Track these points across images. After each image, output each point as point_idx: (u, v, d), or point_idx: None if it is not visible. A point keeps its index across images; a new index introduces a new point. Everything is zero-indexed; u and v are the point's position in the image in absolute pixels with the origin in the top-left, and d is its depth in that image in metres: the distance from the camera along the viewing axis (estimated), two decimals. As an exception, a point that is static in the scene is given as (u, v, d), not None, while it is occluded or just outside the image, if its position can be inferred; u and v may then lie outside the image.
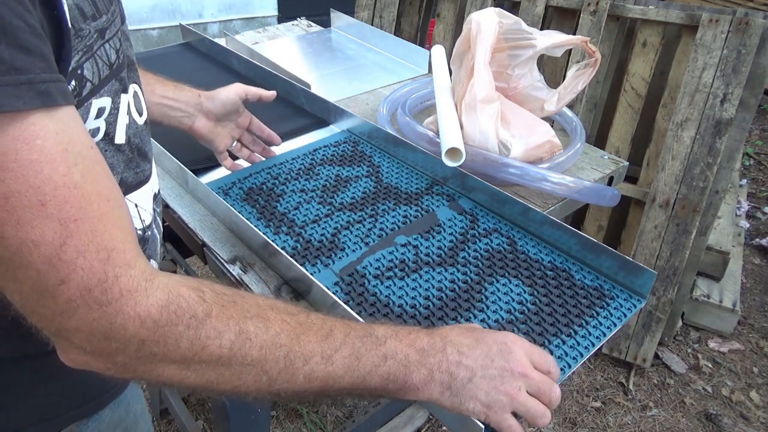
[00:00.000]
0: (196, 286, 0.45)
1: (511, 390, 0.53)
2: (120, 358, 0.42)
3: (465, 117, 0.94)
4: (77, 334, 0.40)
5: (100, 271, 0.39)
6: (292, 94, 1.21)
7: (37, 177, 0.36)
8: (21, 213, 0.36)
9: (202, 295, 0.45)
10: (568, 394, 1.79)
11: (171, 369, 0.44)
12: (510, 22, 0.97)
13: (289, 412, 1.67)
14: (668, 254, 1.67)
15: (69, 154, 0.38)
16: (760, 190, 2.90)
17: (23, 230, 0.36)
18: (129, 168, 0.55)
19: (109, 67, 0.48)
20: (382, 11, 2.08)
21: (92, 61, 0.45)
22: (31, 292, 0.38)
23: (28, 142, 0.36)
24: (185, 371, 0.44)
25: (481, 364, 0.54)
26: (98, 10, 0.46)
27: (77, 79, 0.44)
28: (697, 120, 1.56)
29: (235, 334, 0.45)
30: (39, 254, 0.37)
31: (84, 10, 0.45)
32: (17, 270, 0.37)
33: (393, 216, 0.88)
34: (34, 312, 0.40)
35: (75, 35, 0.43)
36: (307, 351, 0.48)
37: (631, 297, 0.74)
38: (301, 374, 0.48)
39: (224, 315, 0.45)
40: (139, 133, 0.57)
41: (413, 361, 0.52)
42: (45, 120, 0.36)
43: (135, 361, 0.42)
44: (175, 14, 3.25)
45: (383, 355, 0.51)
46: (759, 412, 1.74)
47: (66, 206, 0.37)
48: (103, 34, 0.47)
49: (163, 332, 0.42)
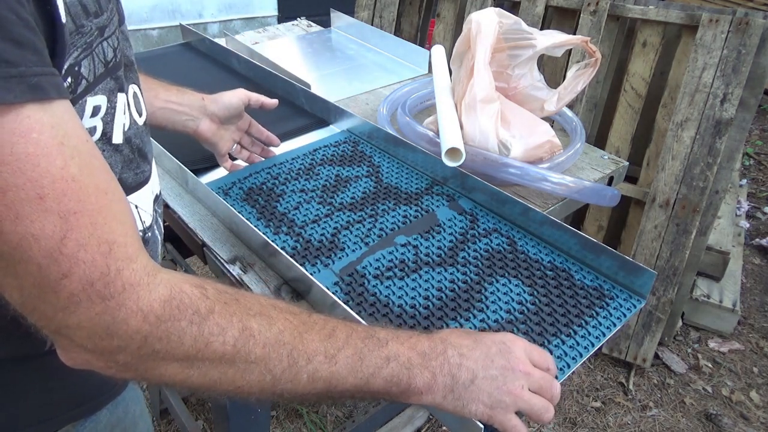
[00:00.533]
0: (198, 283, 0.45)
1: (514, 389, 0.53)
2: (122, 356, 0.41)
3: (465, 117, 0.94)
4: (79, 330, 0.40)
5: (102, 264, 0.38)
6: (292, 94, 1.21)
7: (34, 170, 0.36)
8: (19, 207, 0.35)
9: (204, 292, 0.44)
10: (568, 394, 1.79)
11: (173, 367, 0.43)
12: (510, 22, 0.97)
13: (289, 412, 1.67)
14: (668, 254, 1.67)
15: (65, 148, 0.37)
16: (760, 190, 2.90)
17: (22, 224, 0.36)
18: (129, 168, 0.55)
19: (105, 65, 0.48)
20: (382, 11, 2.08)
21: (90, 58, 0.45)
22: (33, 287, 0.38)
23: (24, 135, 0.35)
24: (188, 370, 0.44)
25: (482, 364, 0.54)
26: (100, 8, 0.46)
27: (73, 76, 0.43)
28: (697, 120, 1.56)
29: (238, 330, 0.44)
30: (39, 248, 0.36)
31: (87, 6, 0.44)
32: (17, 265, 0.37)
33: (393, 216, 0.88)
34: (35, 309, 0.39)
35: (76, 31, 0.43)
36: (311, 349, 0.48)
37: (631, 297, 0.74)
38: (305, 373, 0.47)
39: (227, 312, 0.45)
40: (139, 134, 0.57)
41: (416, 364, 0.52)
42: (40, 113, 0.36)
43: (137, 359, 0.42)
44: (175, 14, 3.25)
45: (386, 356, 0.51)
46: (759, 412, 1.74)
47: (65, 199, 0.37)
48: (102, 32, 0.47)
49: (166, 327, 0.41)
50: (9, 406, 0.57)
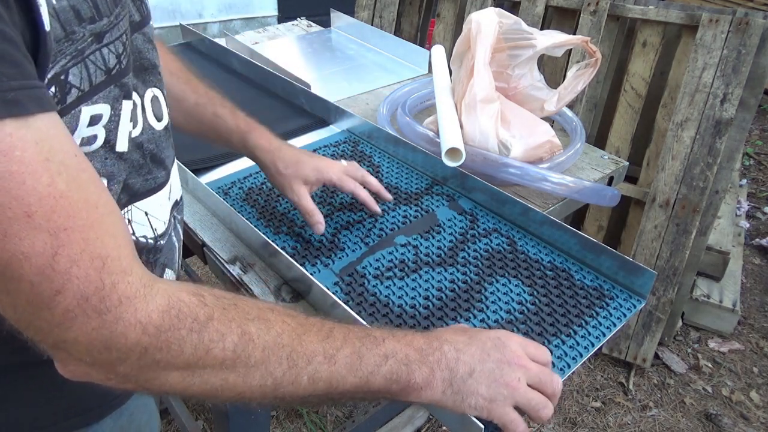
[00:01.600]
0: (195, 291, 0.45)
1: (511, 381, 0.53)
2: (122, 368, 0.41)
3: (465, 117, 0.94)
4: (76, 345, 0.39)
5: (96, 279, 0.38)
6: (292, 94, 1.20)
7: (20, 189, 0.35)
8: (7, 226, 0.35)
9: (202, 299, 0.44)
10: (568, 394, 1.79)
11: (174, 376, 0.43)
12: (510, 22, 0.97)
13: (289, 412, 1.67)
14: (668, 254, 1.67)
15: (51, 163, 0.37)
16: (760, 190, 2.90)
17: (12, 243, 0.35)
18: (138, 174, 0.54)
19: (106, 72, 0.46)
20: (382, 11, 2.08)
21: (81, 66, 0.44)
22: (26, 305, 0.37)
23: (7, 153, 0.35)
24: (189, 378, 0.43)
25: (478, 358, 0.54)
26: (98, 13, 0.45)
27: (59, 85, 0.42)
28: (697, 120, 1.56)
29: (237, 336, 0.44)
30: (31, 266, 0.36)
31: (80, 12, 0.43)
32: (9, 283, 0.36)
33: (393, 216, 0.88)
34: (30, 325, 0.39)
35: (65, 38, 0.41)
36: (310, 351, 0.48)
37: (631, 297, 0.74)
38: (305, 375, 0.47)
39: (226, 318, 0.45)
40: (155, 139, 0.56)
41: (414, 360, 0.52)
42: (22, 130, 0.35)
43: (137, 370, 0.42)
44: (175, 14, 3.25)
45: (384, 354, 0.51)
46: (759, 412, 1.74)
47: (54, 216, 0.37)
48: (100, 38, 0.45)
49: (166, 337, 0.41)
50: (8, 414, 0.56)
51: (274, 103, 1.21)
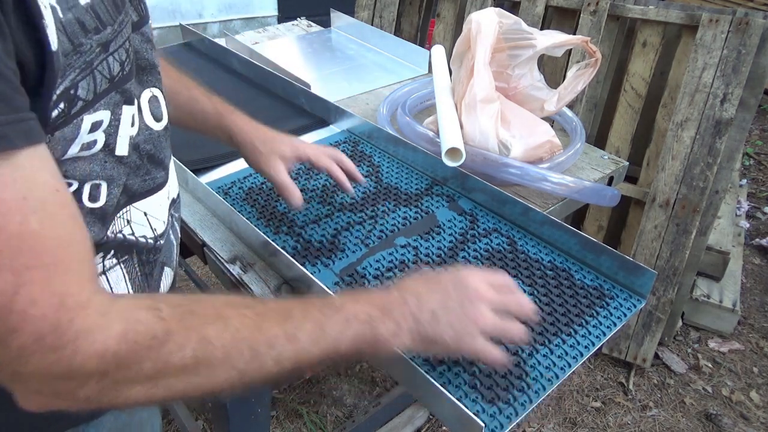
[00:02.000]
0: (152, 305, 0.44)
1: (474, 314, 0.55)
2: (82, 392, 0.41)
3: (465, 117, 0.94)
4: (32, 378, 0.39)
5: (53, 319, 0.38)
6: (292, 94, 1.21)
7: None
8: None
9: (159, 313, 0.44)
10: (568, 394, 1.79)
11: (138, 390, 0.43)
12: (510, 22, 0.97)
13: (289, 412, 1.67)
14: (668, 254, 1.67)
15: (28, 202, 0.36)
16: (760, 190, 2.90)
17: None
18: (136, 176, 0.54)
19: (110, 80, 0.46)
20: (382, 11, 2.08)
21: (90, 78, 0.43)
22: None
23: None
24: (153, 389, 0.43)
25: (440, 302, 0.55)
26: (102, 23, 0.44)
27: (68, 100, 0.42)
28: (697, 120, 1.56)
29: (196, 342, 0.44)
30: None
31: (85, 24, 0.42)
32: None
33: (393, 217, 0.88)
34: None
35: (74, 51, 0.41)
36: (271, 336, 0.48)
37: (631, 297, 0.74)
38: (269, 359, 0.47)
39: (183, 327, 0.44)
40: (152, 140, 0.56)
41: (376, 317, 0.53)
42: (3, 169, 0.35)
43: (98, 392, 0.41)
44: (175, 14, 3.25)
45: (344, 319, 0.52)
46: (759, 412, 1.74)
47: (19, 256, 0.36)
48: (106, 48, 0.45)
49: (125, 361, 0.41)
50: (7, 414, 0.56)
51: (274, 103, 1.21)
